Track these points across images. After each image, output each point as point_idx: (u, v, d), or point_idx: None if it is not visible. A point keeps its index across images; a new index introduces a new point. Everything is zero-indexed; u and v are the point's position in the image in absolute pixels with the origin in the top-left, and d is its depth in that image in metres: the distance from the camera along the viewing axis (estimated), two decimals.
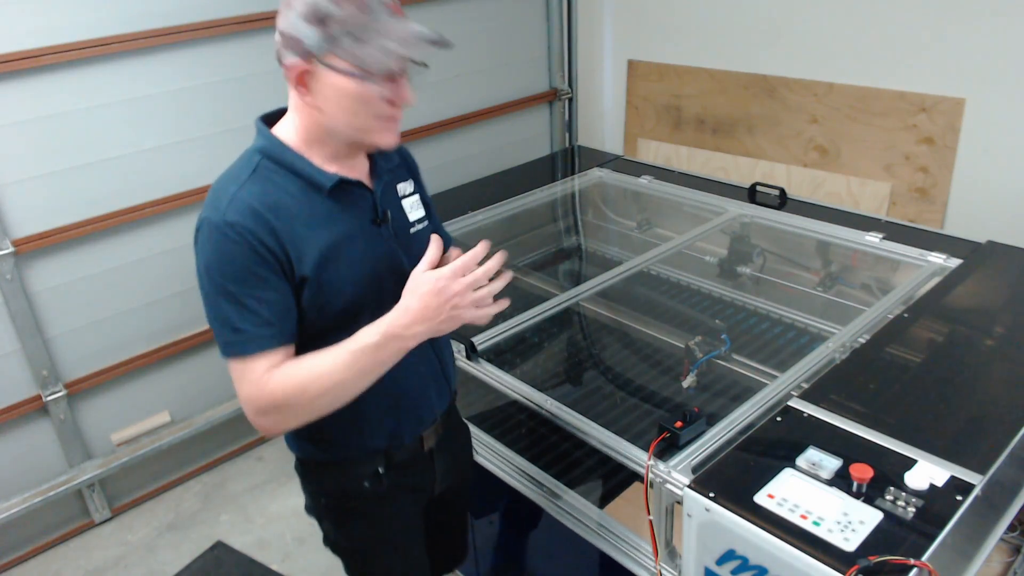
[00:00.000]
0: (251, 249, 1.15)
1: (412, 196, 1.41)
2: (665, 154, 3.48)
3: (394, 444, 1.40)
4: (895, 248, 2.08)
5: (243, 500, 2.89)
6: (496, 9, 3.41)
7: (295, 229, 1.19)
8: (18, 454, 2.57)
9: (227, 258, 1.15)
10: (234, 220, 1.15)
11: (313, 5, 1.11)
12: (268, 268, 1.16)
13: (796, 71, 2.92)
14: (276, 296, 1.18)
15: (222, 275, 1.16)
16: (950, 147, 2.58)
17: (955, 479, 1.24)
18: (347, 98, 1.17)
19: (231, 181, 1.21)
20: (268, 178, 1.21)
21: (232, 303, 1.16)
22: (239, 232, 1.14)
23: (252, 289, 1.16)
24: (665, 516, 1.40)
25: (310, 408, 1.19)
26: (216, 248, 1.16)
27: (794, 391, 1.55)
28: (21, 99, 2.30)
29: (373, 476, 1.40)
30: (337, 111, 1.18)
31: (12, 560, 2.65)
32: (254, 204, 1.17)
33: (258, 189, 1.19)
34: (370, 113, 1.19)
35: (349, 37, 1.12)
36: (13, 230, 2.38)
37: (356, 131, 1.21)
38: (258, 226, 1.15)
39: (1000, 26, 2.37)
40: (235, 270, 1.15)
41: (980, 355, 1.63)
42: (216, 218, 1.16)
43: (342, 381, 1.18)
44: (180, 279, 2.76)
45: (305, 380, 1.17)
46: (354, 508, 1.44)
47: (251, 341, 1.17)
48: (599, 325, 2.22)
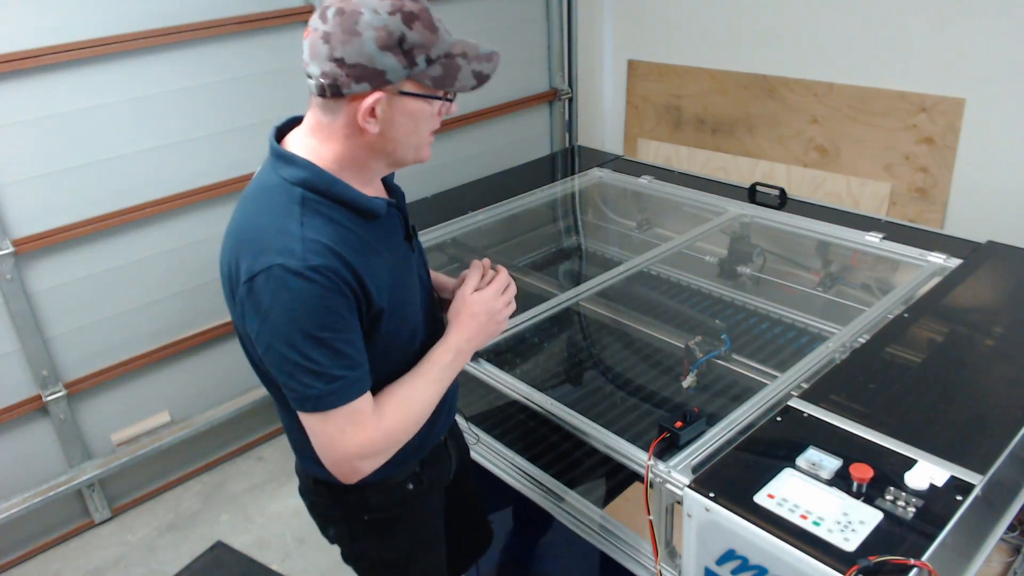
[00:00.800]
0: (339, 292, 1.09)
1: None
2: (665, 154, 3.48)
3: (427, 446, 1.43)
4: (895, 248, 2.08)
5: (243, 500, 2.89)
6: (496, 9, 3.41)
7: (366, 262, 1.14)
8: (18, 454, 2.57)
9: (318, 304, 1.07)
10: (318, 264, 1.07)
11: (387, 31, 1.05)
12: (351, 309, 1.12)
13: (796, 71, 2.93)
14: (357, 336, 1.14)
15: (312, 323, 1.07)
16: (950, 147, 2.58)
17: (955, 479, 1.24)
18: (417, 121, 1.14)
19: (284, 219, 1.10)
20: (319, 212, 1.12)
21: (325, 351, 1.09)
22: (326, 275, 1.07)
23: (343, 333, 1.11)
24: (665, 516, 1.40)
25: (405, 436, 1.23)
26: (301, 295, 1.06)
27: (794, 391, 1.55)
28: (21, 99, 2.30)
29: (413, 477, 1.42)
30: (400, 135, 1.14)
31: (12, 560, 2.65)
32: (327, 242, 1.09)
33: (320, 225, 1.11)
34: (427, 130, 1.18)
35: (425, 60, 1.09)
36: (13, 230, 2.38)
37: (411, 149, 1.18)
38: (341, 266, 1.09)
39: (1000, 26, 2.37)
40: (326, 316, 1.08)
41: (980, 355, 1.63)
42: (293, 263, 1.06)
43: (431, 401, 1.26)
44: (180, 279, 2.76)
45: (411, 408, 1.22)
46: (397, 516, 1.44)
47: (352, 386, 1.12)
48: (599, 325, 2.22)
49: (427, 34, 1.08)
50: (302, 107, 1.21)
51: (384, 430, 1.17)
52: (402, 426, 1.21)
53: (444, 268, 2.46)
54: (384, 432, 1.17)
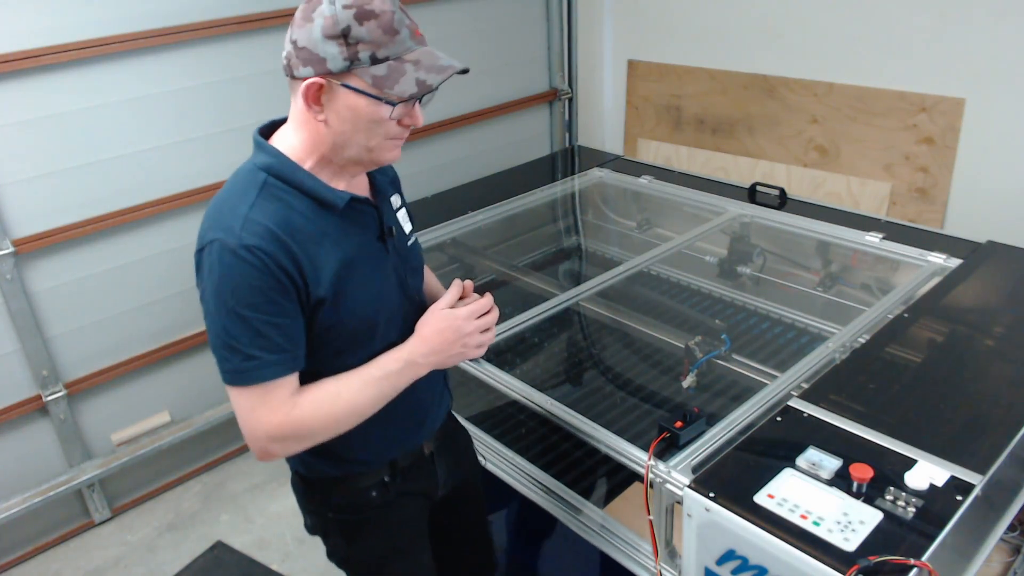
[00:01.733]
0: (270, 274, 1.11)
1: (401, 209, 1.40)
2: (665, 154, 3.48)
3: (398, 453, 1.41)
4: (895, 248, 2.08)
5: (243, 500, 2.89)
6: (496, 9, 3.41)
7: (310, 250, 1.16)
8: (18, 454, 2.57)
9: (243, 282, 1.11)
10: (252, 243, 1.10)
11: (335, 21, 1.08)
12: (284, 294, 1.13)
13: (796, 71, 2.93)
14: (289, 321, 1.15)
15: (236, 300, 1.11)
16: (950, 147, 2.58)
17: (955, 479, 1.24)
18: (361, 118, 1.15)
19: (239, 200, 1.15)
20: (277, 197, 1.16)
21: (245, 329, 1.12)
22: (258, 256, 1.10)
23: (267, 315, 1.12)
24: (665, 516, 1.40)
25: (333, 431, 1.21)
26: (230, 271, 1.11)
27: (794, 391, 1.55)
28: (21, 99, 2.30)
29: (379, 485, 1.40)
30: (347, 129, 1.16)
31: (12, 560, 2.65)
32: (270, 225, 1.12)
33: (271, 209, 1.15)
34: (380, 133, 1.17)
35: (372, 59, 1.10)
36: (13, 230, 2.38)
37: (364, 150, 1.19)
38: (278, 249, 1.12)
39: (1000, 26, 2.37)
40: (251, 295, 1.11)
41: (980, 355, 1.63)
42: (231, 240, 1.10)
43: (364, 404, 1.22)
44: (180, 279, 2.76)
45: (332, 405, 1.20)
46: (363, 520, 1.44)
47: (266, 367, 1.14)
48: (599, 325, 2.22)
49: (379, 34, 1.09)
50: None
51: (294, 419, 1.17)
52: (316, 420, 1.18)
53: (444, 268, 2.46)
54: (294, 420, 1.17)
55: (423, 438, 1.46)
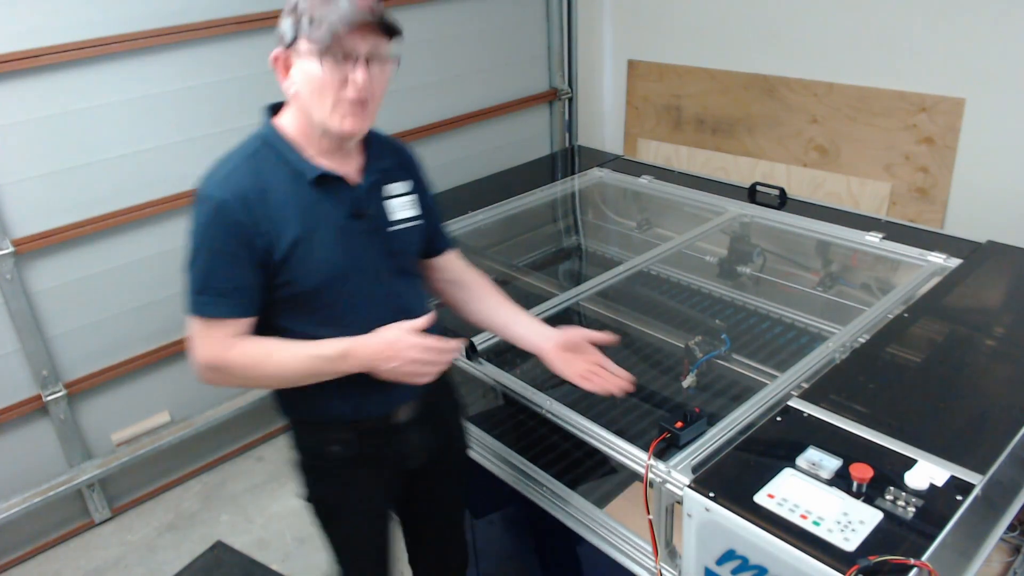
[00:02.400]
0: (228, 225, 1.27)
1: (405, 196, 1.46)
2: (665, 154, 3.48)
3: (360, 416, 1.46)
4: (895, 248, 2.08)
5: (243, 500, 2.89)
6: (496, 9, 3.41)
7: (275, 214, 1.29)
8: (18, 454, 2.57)
9: (206, 229, 1.28)
10: (219, 196, 1.27)
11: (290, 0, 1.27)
12: (243, 246, 1.28)
13: (796, 71, 2.93)
14: (240, 272, 1.29)
15: (202, 243, 1.29)
16: (950, 147, 2.58)
17: (955, 479, 1.24)
18: (311, 82, 1.26)
19: (226, 161, 1.33)
20: (262, 162, 1.32)
21: (205, 268, 1.29)
22: (220, 208, 1.26)
23: (220, 261, 1.28)
24: (665, 516, 1.40)
25: (258, 383, 1.37)
26: (202, 218, 1.28)
27: (794, 391, 1.55)
28: (21, 99, 2.30)
29: (342, 441, 1.47)
30: (306, 95, 1.29)
31: (12, 560, 2.65)
32: (244, 184, 1.28)
33: (251, 171, 1.30)
34: (331, 97, 1.27)
35: (310, 22, 1.23)
36: (13, 230, 2.38)
37: (321, 116, 1.29)
38: (242, 207, 1.27)
39: (1000, 26, 2.37)
40: (214, 240, 1.28)
41: (980, 355, 1.63)
42: (205, 191, 1.29)
43: (290, 373, 1.34)
44: (180, 279, 2.76)
45: (262, 359, 1.32)
46: (322, 468, 1.51)
47: (210, 306, 1.30)
48: (599, 325, 2.21)
49: (317, 3, 1.24)
50: None
51: (225, 359, 1.31)
52: (243, 368, 1.32)
53: None
54: (225, 360, 1.31)
55: (392, 407, 1.48)
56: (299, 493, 1.58)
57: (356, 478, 1.52)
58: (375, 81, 1.28)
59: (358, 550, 1.62)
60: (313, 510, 1.58)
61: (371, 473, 1.53)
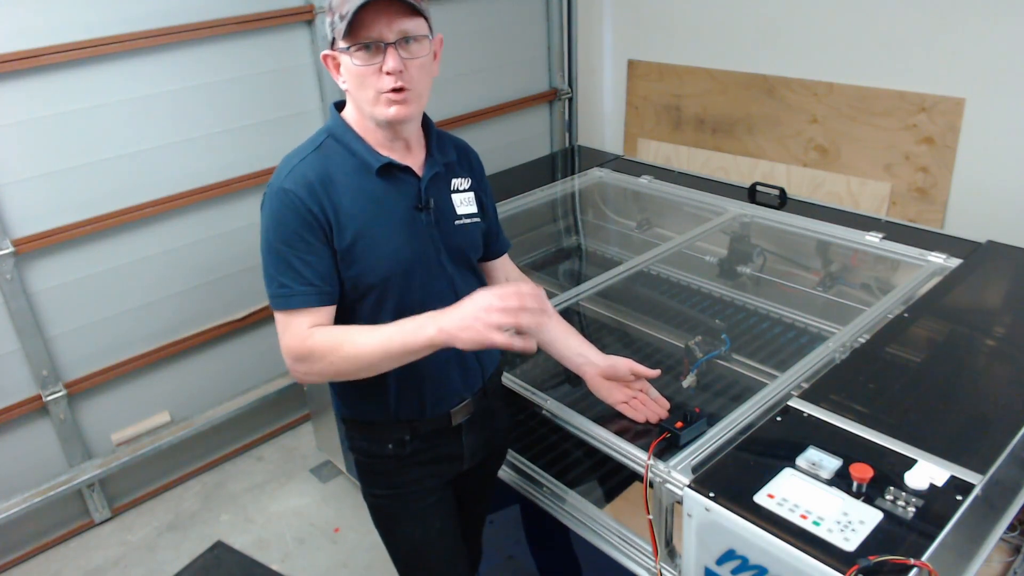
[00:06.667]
0: (299, 215, 1.29)
1: (466, 192, 1.49)
2: (665, 154, 3.48)
3: (418, 417, 1.46)
4: (895, 248, 2.08)
5: (243, 500, 2.89)
6: (496, 9, 3.41)
7: (341, 203, 1.31)
8: (18, 454, 2.57)
9: (279, 221, 1.30)
10: (289, 187, 1.30)
11: None
12: (314, 234, 1.30)
13: (796, 71, 2.93)
14: (318, 260, 1.31)
15: (275, 236, 1.30)
16: (950, 147, 2.58)
17: (955, 479, 1.24)
18: (352, 76, 1.30)
19: (297, 154, 1.36)
20: (329, 155, 1.35)
21: (280, 261, 1.30)
22: (291, 198, 1.29)
23: (298, 251, 1.29)
24: (665, 516, 1.40)
25: (337, 368, 1.31)
26: (272, 211, 1.31)
27: (794, 391, 1.55)
28: (21, 99, 2.30)
29: (398, 442, 1.47)
30: (353, 90, 1.32)
31: (12, 560, 2.65)
32: (309, 176, 1.31)
33: (317, 163, 1.33)
34: (372, 88, 1.29)
35: (340, 19, 1.26)
36: (13, 230, 2.38)
37: (369, 107, 1.31)
38: (309, 195, 1.29)
39: (1000, 26, 2.37)
40: (285, 232, 1.30)
41: (980, 355, 1.63)
42: (276, 185, 1.32)
43: (371, 353, 1.28)
44: (180, 279, 2.76)
45: (342, 340, 1.29)
46: (377, 468, 1.52)
47: (293, 297, 1.30)
48: (599, 325, 2.21)
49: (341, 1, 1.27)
50: (302, 106, 1.23)
51: (308, 346, 1.30)
52: (324, 353, 1.29)
53: None
54: (308, 348, 1.30)
55: (445, 408, 1.48)
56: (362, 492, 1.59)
57: (408, 479, 1.51)
58: (411, 65, 1.28)
59: (414, 552, 1.59)
60: (371, 512, 1.58)
61: (423, 474, 1.51)
